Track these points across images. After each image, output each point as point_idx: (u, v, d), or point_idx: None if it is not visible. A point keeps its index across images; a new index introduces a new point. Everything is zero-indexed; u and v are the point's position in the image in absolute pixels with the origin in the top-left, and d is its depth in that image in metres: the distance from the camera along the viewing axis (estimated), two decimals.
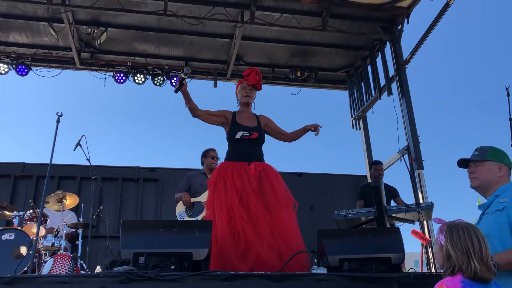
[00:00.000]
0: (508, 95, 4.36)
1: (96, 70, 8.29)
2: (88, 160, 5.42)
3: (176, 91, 3.62)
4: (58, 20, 7.29)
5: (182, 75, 3.60)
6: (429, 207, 4.68)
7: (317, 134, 3.85)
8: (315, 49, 8.37)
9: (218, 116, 3.83)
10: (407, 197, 6.27)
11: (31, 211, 5.24)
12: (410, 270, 3.21)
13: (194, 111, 3.75)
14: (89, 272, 4.81)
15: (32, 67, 8.06)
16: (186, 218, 5.01)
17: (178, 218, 5.05)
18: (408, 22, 7.52)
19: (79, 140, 5.32)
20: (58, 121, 3.98)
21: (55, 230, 5.19)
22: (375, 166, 6.18)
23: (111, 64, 8.27)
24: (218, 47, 8.26)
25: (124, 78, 8.21)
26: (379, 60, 8.06)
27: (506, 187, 2.32)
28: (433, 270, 6.01)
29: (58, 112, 3.99)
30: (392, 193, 5.92)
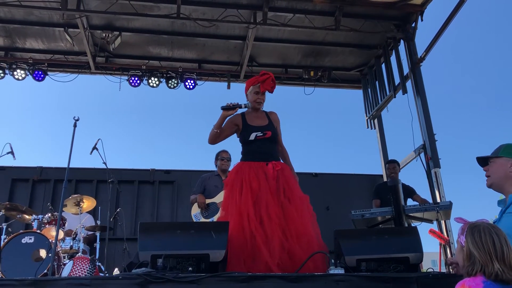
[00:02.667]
0: None
1: (111, 74, 8.38)
2: (105, 163, 5.48)
3: (224, 108, 3.57)
4: (73, 26, 7.40)
5: (242, 105, 3.62)
6: (447, 207, 4.63)
7: None
8: (328, 49, 8.34)
9: (230, 129, 3.76)
10: (425, 196, 6.21)
11: (49, 214, 5.31)
12: (428, 270, 3.18)
13: (218, 138, 3.72)
14: (107, 275, 4.86)
15: (48, 73, 8.18)
16: (202, 219, 5.04)
17: (194, 220, 5.09)
18: (422, 20, 7.45)
19: (96, 144, 5.37)
20: (75, 125, 4.04)
21: (73, 232, 5.26)
22: (389, 164, 6.16)
23: (125, 68, 8.35)
24: (231, 49, 8.28)
25: (138, 81, 8.28)
26: (393, 59, 8.00)
27: None
28: (451, 270, 5.93)
29: (75, 117, 4.05)
30: (410, 192, 5.87)
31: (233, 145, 3.93)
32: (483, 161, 2.48)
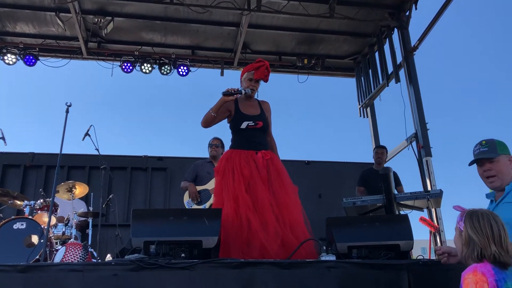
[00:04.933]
0: None
1: (103, 59, 8.31)
2: (97, 149, 5.47)
3: (225, 94, 3.53)
4: (65, 10, 7.29)
5: (242, 91, 3.62)
6: (438, 195, 4.67)
7: None
8: (322, 37, 8.32)
9: (223, 114, 3.72)
10: (416, 184, 6.26)
11: (41, 200, 5.30)
12: (418, 257, 3.22)
13: (212, 122, 3.70)
14: (100, 261, 4.88)
15: (39, 57, 8.08)
16: (194, 206, 5.07)
17: (186, 207, 5.11)
18: (416, 8, 7.45)
19: (88, 130, 5.35)
20: (67, 111, 4.01)
21: (65, 219, 5.26)
22: (378, 149, 6.17)
23: (118, 53, 8.27)
24: (224, 36, 8.23)
25: (131, 67, 8.22)
26: (386, 47, 8.00)
27: None
28: (439, 258, 6.02)
29: (67, 103, 4.02)
30: (396, 181, 5.89)
31: (226, 133, 3.92)
32: (475, 160, 2.47)
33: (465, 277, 1.75)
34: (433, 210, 6.20)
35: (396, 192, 5.62)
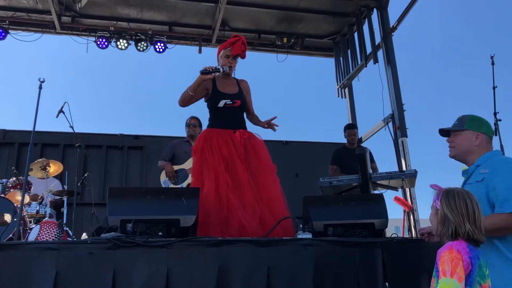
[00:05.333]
0: (492, 63, 4.39)
1: (77, 35, 8.07)
2: (72, 127, 5.36)
3: (202, 72, 3.49)
4: None
5: (221, 69, 3.57)
6: (413, 175, 4.76)
7: (275, 130, 3.77)
8: (302, 15, 8.25)
9: (200, 92, 3.68)
10: (391, 164, 6.36)
11: (14, 178, 5.20)
12: (392, 235, 3.30)
13: (190, 101, 3.66)
14: (75, 239, 4.83)
15: (10, 31, 7.79)
16: (171, 186, 5.04)
17: (163, 186, 5.08)
18: None
19: (62, 107, 5.22)
20: (40, 87, 3.89)
21: (39, 197, 5.17)
22: (349, 130, 6.09)
23: (93, 28, 8.05)
24: (202, 12, 8.08)
25: (106, 43, 8.02)
26: (366, 28, 8.00)
27: (486, 157, 2.34)
28: (414, 235, 6.18)
29: (40, 78, 3.90)
30: (370, 158, 5.94)
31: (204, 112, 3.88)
32: (446, 132, 2.54)
33: (441, 254, 1.80)
34: (407, 189, 6.34)
35: (370, 169, 5.71)
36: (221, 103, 3.64)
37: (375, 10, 7.72)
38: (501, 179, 2.18)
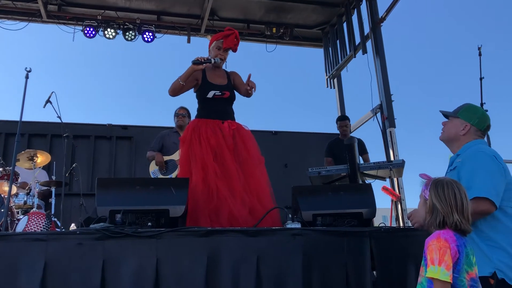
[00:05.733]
0: (480, 54, 4.43)
1: (64, 23, 7.94)
2: (59, 117, 5.31)
3: (194, 62, 3.50)
4: None
5: (212, 60, 3.57)
6: (400, 165, 4.80)
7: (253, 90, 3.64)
8: (291, 5, 8.21)
9: (190, 83, 3.68)
10: (379, 154, 6.40)
11: (1, 169, 5.13)
12: (380, 225, 3.34)
13: (180, 91, 3.65)
14: (63, 230, 4.81)
15: None
16: (160, 176, 5.03)
17: (152, 177, 5.07)
18: None
19: (49, 97, 5.17)
20: (27, 77, 3.84)
21: (27, 187, 5.13)
22: (341, 122, 6.13)
23: (80, 17, 7.93)
24: (191, 1, 8.00)
25: (94, 32, 7.91)
26: (355, 18, 8.00)
27: (467, 147, 2.38)
28: (401, 224, 6.26)
29: (26, 68, 3.85)
30: (362, 150, 5.99)
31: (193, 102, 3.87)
32: (445, 116, 2.59)
33: (430, 243, 1.83)
34: (395, 179, 6.40)
35: (361, 160, 5.76)
36: (210, 94, 3.64)
37: (364, 0, 7.72)
38: (467, 167, 2.24)
